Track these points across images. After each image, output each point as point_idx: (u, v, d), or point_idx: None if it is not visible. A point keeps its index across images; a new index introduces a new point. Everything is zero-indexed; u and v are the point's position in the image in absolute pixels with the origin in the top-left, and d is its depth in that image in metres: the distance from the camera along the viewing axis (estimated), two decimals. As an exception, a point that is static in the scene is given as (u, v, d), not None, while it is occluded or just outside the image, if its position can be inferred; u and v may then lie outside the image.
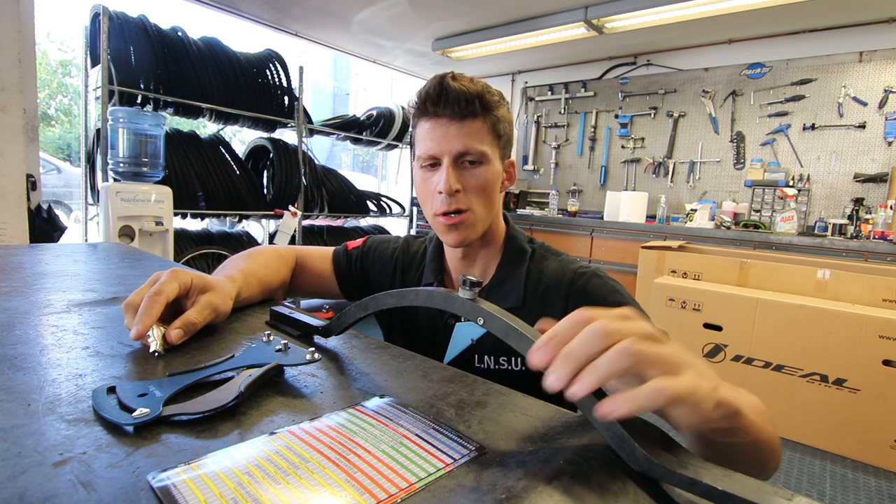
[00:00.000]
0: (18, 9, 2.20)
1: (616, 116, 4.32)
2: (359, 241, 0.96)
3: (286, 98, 3.43)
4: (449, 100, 0.72)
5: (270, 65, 3.35)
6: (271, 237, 3.49)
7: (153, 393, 0.39)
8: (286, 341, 0.51)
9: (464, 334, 0.42)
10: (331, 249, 0.97)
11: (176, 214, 2.80)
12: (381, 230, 4.35)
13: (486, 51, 4.04)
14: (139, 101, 2.78)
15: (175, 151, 2.89)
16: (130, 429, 0.35)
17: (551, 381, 0.33)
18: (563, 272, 0.78)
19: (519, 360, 0.78)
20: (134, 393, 0.39)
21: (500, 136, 0.77)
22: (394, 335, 0.90)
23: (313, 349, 0.49)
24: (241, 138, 5.10)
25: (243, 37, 3.82)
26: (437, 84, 0.73)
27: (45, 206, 2.59)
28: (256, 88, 3.25)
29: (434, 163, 0.76)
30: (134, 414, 0.35)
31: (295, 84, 3.48)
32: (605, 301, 0.72)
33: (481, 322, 0.41)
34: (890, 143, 3.24)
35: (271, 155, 3.47)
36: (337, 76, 10.62)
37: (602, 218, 4.02)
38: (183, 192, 2.86)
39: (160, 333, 0.50)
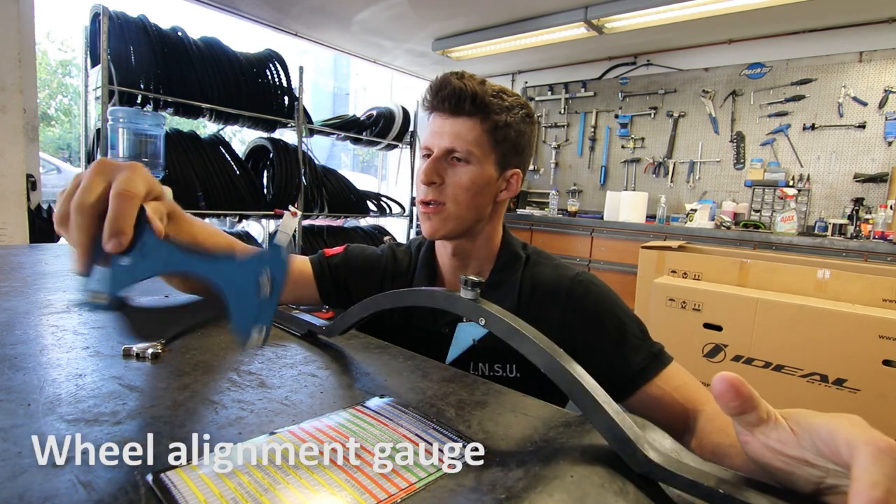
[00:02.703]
0: (18, 9, 2.20)
1: (616, 116, 4.32)
2: (338, 249, 0.93)
3: (286, 98, 3.43)
4: (444, 95, 0.74)
5: (270, 65, 3.35)
6: (271, 237, 3.49)
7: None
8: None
9: (466, 334, 0.41)
10: (307, 257, 0.92)
11: (176, 214, 2.79)
12: (382, 230, 4.35)
13: (486, 51, 4.04)
14: (139, 101, 2.77)
15: (175, 151, 2.89)
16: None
17: None
18: (559, 280, 0.78)
19: (514, 366, 0.78)
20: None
21: (500, 142, 0.77)
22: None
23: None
24: (241, 138, 5.09)
25: (243, 37, 3.83)
26: (442, 79, 0.76)
27: (45, 206, 2.59)
28: (256, 88, 3.24)
29: (428, 153, 0.79)
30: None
31: (295, 84, 3.47)
32: (605, 313, 0.75)
33: (482, 322, 0.40)
34: (890, 143, 3.24)
35: (271, 155, 3.47)
36: (337, 76, 10.60)
37: (602, 218, 4.02)
38: (183, 191, 2.86)
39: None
